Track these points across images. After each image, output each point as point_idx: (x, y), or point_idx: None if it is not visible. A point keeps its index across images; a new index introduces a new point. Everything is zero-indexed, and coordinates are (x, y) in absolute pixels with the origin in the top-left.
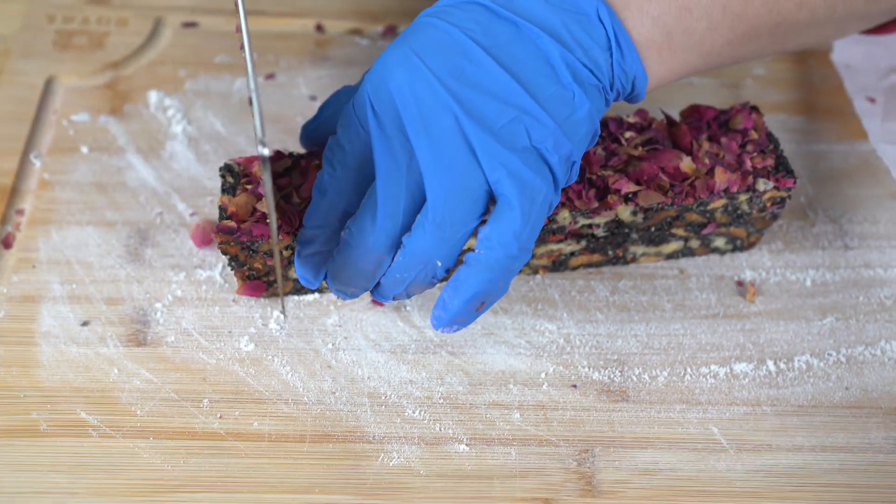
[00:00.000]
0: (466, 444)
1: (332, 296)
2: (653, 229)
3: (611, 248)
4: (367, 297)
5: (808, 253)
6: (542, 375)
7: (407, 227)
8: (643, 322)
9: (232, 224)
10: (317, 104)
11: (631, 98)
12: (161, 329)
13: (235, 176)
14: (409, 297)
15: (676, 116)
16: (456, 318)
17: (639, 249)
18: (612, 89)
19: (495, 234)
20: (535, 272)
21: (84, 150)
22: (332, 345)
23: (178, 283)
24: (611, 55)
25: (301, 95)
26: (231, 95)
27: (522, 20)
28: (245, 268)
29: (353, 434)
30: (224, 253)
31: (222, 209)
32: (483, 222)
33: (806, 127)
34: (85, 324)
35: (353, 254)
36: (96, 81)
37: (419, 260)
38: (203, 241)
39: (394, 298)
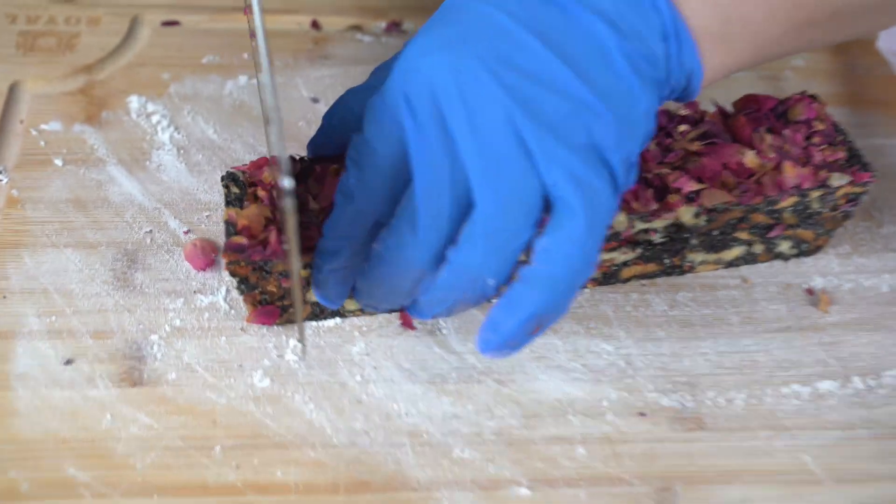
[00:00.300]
0: (527, 487)
1: (355, 320)
2: (715, 233)
3: (667, 255)
4: (395, 319)
5: (879, 256)
6: (605, 403)
7: (452, 239)
8: (710, 338)
9: (243, 241)
10: (320, 107)
11: (683, 96)
12: (159, 365)
13: (241, 185)
14: (449, 315)
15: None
16: (508, 341)
17: (697, 257)
18: (666, 84)
19: (555, 245)
20: (583, 286)
21: (57, 162)
22: (361, 377)
23: (175, 311)
24: (667, 46)
25: (301, 98)
26: (222, 99)
27: (570, 2)
28: (256, 291)
29: (395, 480)
30: (233, 275)
31: (230, 224)
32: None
33: (855, 120)
34: (69, 362)
35: (389, 270)
36: (68, 87)
37: (468, 276)
38: (203, 262)
39: (433, 317)
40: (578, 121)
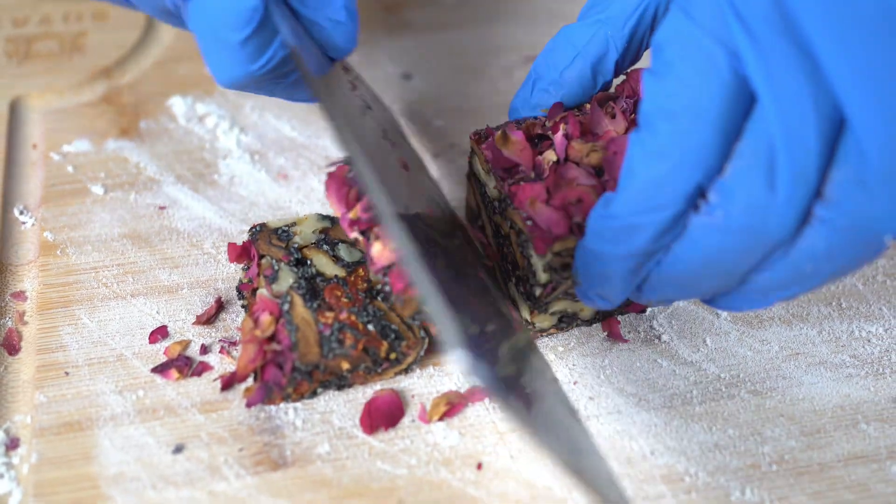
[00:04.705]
0: None
1: (546, 341)
2: None
3: None
4: (595, 332)
5: None
6: None
7: (817, 190)
8: None
9: (254, 392)
10: (414, 84)
11: None
12: (303, 436)
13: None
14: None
15: None
16: None
17: None
18: None
19: None
20: None
21: (96, 190)
22: (579, 411)
23: None
24: None
25: (389, 76)
26: None
27: None
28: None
29: None
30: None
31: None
32: None
33: None
34: (178, 450)
35: (726, 245)
36: (86, 97)
37: (858, 237)
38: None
39: (766, 306)
40: None
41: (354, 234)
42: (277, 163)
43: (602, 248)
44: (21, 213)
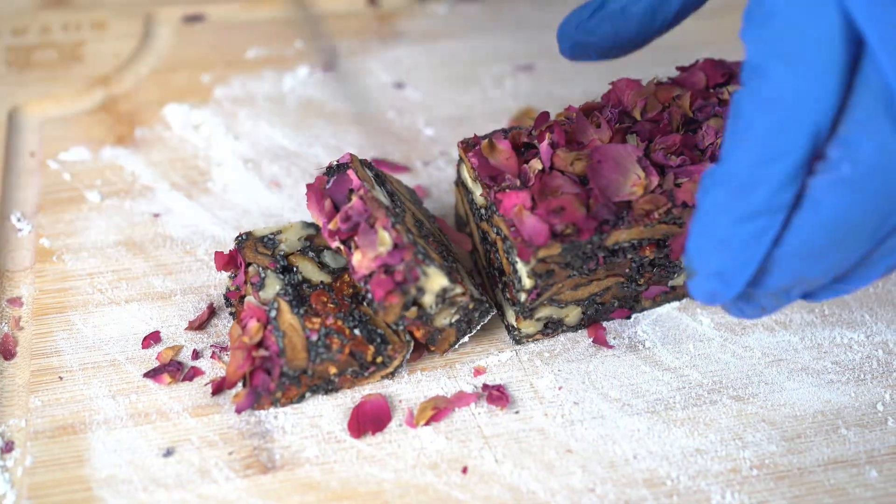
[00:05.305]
0: None
1: (532, 347)
2: None
3: None
4: (581, 338)
5: None
6: (880, 407)
7: None
8: None
9: (242, 398)
10: (407, 93)
11: None
12: (292, 440)
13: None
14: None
15: None
16: None
17: None
18: None
19: None
20: None
21: (93, 197)
22: (562, 416)
23: None
24: None
25: (382, 84)
26: (284, 97)
27: None
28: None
29: None
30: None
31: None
32: None
33: None
34: (169, 453)
35: (860, 199)
36: (84, 105)
37: None
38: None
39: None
40: None
41: (336, 244)
42: (270, 171)
43: (720, 215)
44: (18, 219)
